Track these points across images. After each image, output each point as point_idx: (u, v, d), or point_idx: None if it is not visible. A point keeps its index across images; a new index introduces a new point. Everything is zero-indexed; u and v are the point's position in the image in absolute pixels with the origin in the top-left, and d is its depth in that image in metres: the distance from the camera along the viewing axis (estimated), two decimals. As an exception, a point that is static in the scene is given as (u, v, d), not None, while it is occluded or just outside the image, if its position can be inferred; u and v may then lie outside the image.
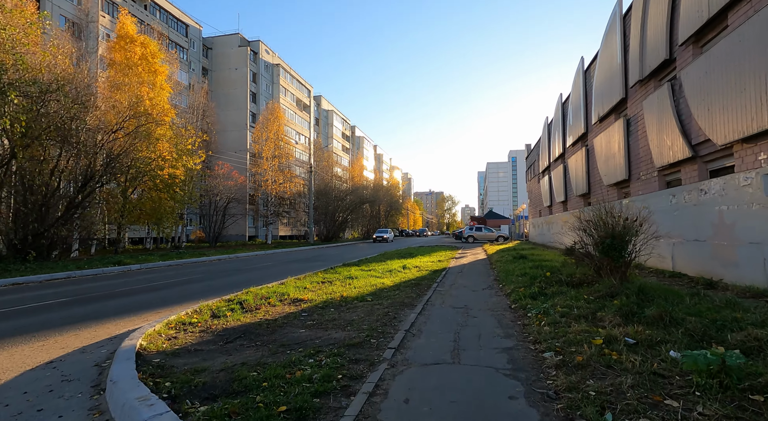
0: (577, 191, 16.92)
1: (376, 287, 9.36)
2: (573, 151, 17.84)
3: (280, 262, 18.63)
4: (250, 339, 5.14)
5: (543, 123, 25.31)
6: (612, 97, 12.34)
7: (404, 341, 4.87)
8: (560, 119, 19.94)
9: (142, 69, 26.49)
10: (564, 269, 9.25)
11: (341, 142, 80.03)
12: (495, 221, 67.37)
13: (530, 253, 15.62)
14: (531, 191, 32.91)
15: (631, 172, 11.32)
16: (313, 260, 19.08)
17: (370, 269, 12.98)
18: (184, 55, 47.82)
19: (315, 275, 11.59)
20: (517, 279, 9.21)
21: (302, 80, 65.69)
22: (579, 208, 17.06)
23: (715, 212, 7.38)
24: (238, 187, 36.64)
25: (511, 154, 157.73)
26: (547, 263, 11.43)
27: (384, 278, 10.92)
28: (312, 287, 9.37)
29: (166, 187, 22.19)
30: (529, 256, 14.14)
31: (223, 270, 14.86)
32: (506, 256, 15.70)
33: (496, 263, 13.87)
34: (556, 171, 21.09)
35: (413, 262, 15.34)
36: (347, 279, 10.59)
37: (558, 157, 21.02)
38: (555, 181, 21.40)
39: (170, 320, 5.94)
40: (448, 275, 11.71)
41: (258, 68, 55.89)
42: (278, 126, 43.19)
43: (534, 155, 30.80)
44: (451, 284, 9.83)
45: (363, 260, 16.53)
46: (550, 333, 4.67)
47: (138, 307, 7.85)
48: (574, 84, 16.99)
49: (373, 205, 59.82)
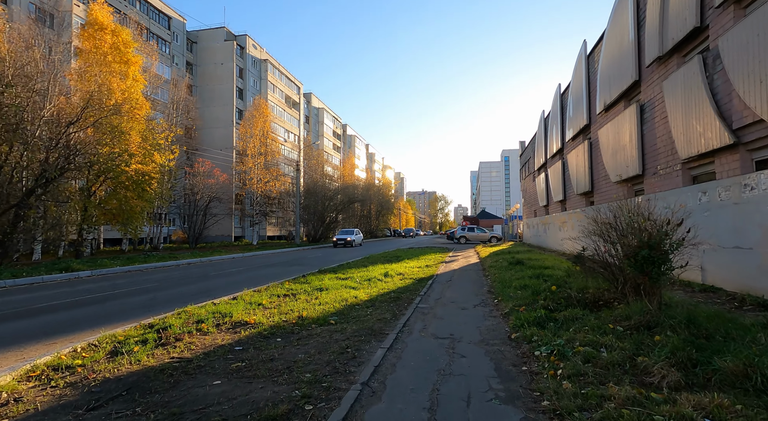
0: (577, 189, 15.40)
1: (346, 302, 7.70)
2: (573, 146, 16.32)
3: (255, 266, 16.90)
4: (131, 401, 3.45)
5: (539, 118, 23.84)
6: (622, 81, 10.76)
7: (355, 408, 3.21)
8: (558, 112, 18.38)
9: (113, 58, 24.59)
10: (572, 280, 7.66)
11: (332, 141, 78.21)
12: (488, 221, 66.02)
13: (527, 257, 14.07)
14: (525, 190, 31.42)
15: (646, 167, 9.73)
16: (291, 265, 17.38)
17: (347, 276, 11.31)
18: (167, 49, 45.77)
19: (281, 285, 9.91)
20: (516, 293, 7.60)
21: (291, 77, 63.81)
22: (580, 207, 15.53)
23: (765, 213, 5.83)
24: (221, 186, 34.77)
25: (503, 154, 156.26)
26: (548, 271, 9.85)
27: (360, 289, 9.27)
28: (269, 302, 7.68)
29: (135, 186, 20.33)
30: (526, 261, 12.58)
31: (184, 277, 13.10)
32: (501, 260, 14.13)
33: (490, 270, 12.27)
34: (554, 168, 19.59)
35: (398, 267, 13.70)
36: (316, 291, 8.93)
37: (556, 153, 19.50)
38: (552, 179, 19.88)
39: (37, 364, 4.22)
40: (435, 285, 10.09)
41: (245, 63, 53.95)
42: (264, 122, 41.32)
43: (528, 153, 29.32)
44: (436, 298, 8.20)
45: (343, 266, 14.86)
46: (575, 397, 3.05)
47: (30, 334, 6.08)
48: (575, 71, 15.40)
49: (364, 205, 58.11)
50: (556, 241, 19.20)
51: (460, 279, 11.12)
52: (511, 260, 13.24)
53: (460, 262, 16.69)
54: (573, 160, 15.84)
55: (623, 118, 10.49)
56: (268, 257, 22.54)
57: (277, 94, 59.08)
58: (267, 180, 40.69)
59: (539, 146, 23.68)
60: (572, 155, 15.84)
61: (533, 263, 11.82)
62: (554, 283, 7.70)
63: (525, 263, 12.14)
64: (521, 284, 8.41)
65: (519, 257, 14.64)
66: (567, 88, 17.47)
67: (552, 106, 19.92)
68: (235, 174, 42.24)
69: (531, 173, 27.97)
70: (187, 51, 50.98)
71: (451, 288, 9.46)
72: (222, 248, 33.31)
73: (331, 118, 78.68)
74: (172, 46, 47.15)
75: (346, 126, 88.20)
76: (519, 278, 9.22)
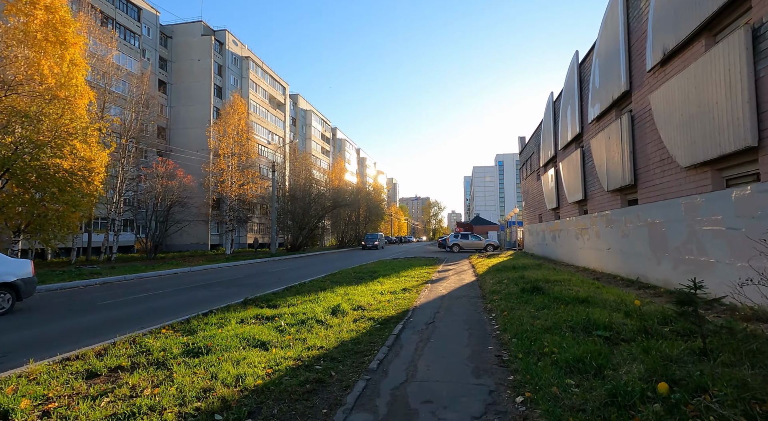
0: (609, 185, 11.27)
1: (207, 406, 3.55)
2: (600, 127, 12.14)
3: (188, 287, 12.70)
4: None
5: (546, 102, 19.78)
6: (704, 8, 7.07)
7: None
8: (576, 88, 14.26)
9: (44, 37, 20.47)
10: (671, 347, 3.61)
11: (320, 144, 74.17)
12: (482, 227, 62.04)
13: (542, 276, 10.02)
14: (527, 192, 27.32)
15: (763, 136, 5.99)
16: (234, 285, 13.20)
17: (276, 314, 7.14)
18: (135, 42, 41.66)
19: (150, 335, 5.74)
20: (562, 380, 3.51)
21: (276, 76, 59.90)
22: (611, 209, 11.50)
23: None
24: (185, 189, 30.49)
25: (497, 158, 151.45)
26: (594, 312, 5.72)
27: (270, 347, 5.13)
28: (61, 390, 3.53)
29: (46, 184, 16.09)
30: (544, 285, 8.51)
31: (45, 308, 8.87)
32: (507, 282, 10.04)
33: (494, 300, 8.15)
34: (568, 161, 15.51)
35: (362, 294, 9.54)
36: (182, 358, 4.76)
37: (571, 141, 15.44)
38: (566, 175, 15.82)
39: None
40: (406, 335, 5.95)
41: (224, 60, 49.99)
42: (239, 120, 37.17)
43: (531, 148, 25.25)
44: (399, 382, 4.06)
45: (291, 289, 10.69)
46: None
47: None
48: (606, 23, 11.00)
49: (352, 210, 53.91)
50: (571, 251, 15.17)
51: (449, 321, 6.98)
52: (521, 283, 9.15)
53: (450, 281, 12.58)
54: (600, 147, 11.79)
55: (713, 63, 6.23)
56: (223, 272, 18.29)
57: (260, 93, 55.09)
58: (242, 183, 36.45)
59: (546, 137, 19.64)
60: (599, 140, 11.80)
61: (558, 291, 7.74)
62: (634, 354, 3.62)
63: (544, 289, 8.06)
64: (559, 344, 4.32)
65: (529, 275, 10.56)
66: (590, 53, 13.29)
67: (566, 82, 15.83)
68: (210, 176, 37.91)
69: (534, 172, 23.90)
70: (161, 46, 46.92)
71: (431, 347, 5.31)
72: (186, 258, 28.99)
73: (320, 121, 74.76)
74: (143, 39, 43.04)
75: (335, 129, 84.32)
76: (549, 329, 5.12)
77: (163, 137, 46.91)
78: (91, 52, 26.89)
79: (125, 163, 27.87)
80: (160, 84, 46.29)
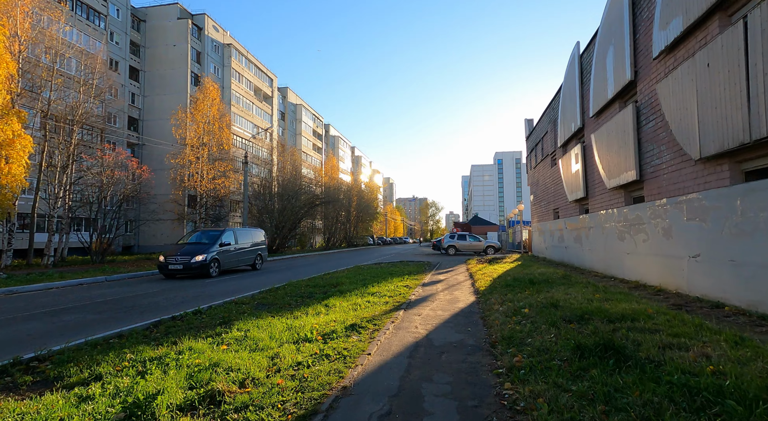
0: (703, 150, 6.43)
1: None
2: (684, 55, 7.69)
3: (43, 312, 8.26)
4: None
5: (568, 61, 15.04)
6: None
7: None
8: (627, 10, 9.51)
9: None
10: None
11: (312, 141, 69.72)
12: (481, 228, 57.58)
13: (593, 305, 5.65)
14: (537, 183, 22.65)
15: None
16: (105, 311, 8.76)
17: (114, 380, 2.76)
18: (101, 23, 37.26)
19: None
20: None
21: (263, 67, 55.50)
22: (695, 191, 7.02)
23: None
24: (140, 182, 26.02)
25: (497, 157, 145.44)
26: None
27: None
28: None
29: None
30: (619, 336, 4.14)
31: None
32: (531, 313, 5.63)
33: (522, 373, 3.71)
34: (607, 129, 10.55)
35: (267, 346, 5.07)
36: None
37: (614, 97, 10.67)
38: (602, 150, 11.08)
39: None
40: None
41: (203, 47, 45.58)
42: (210, 107, 32.73)
43: (542, 129, 20.53)
44: None
45: (158, 326, 6.24)
46: None
47: None
48: None
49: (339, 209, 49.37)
50: (610, 258, 10.72)
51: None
52: (563, 325, 4.73)
53: (436, 305, 8.12)
54: (681, 90, 7.34)
55: None
56: (142, 282, 13.82)
57: (243, 84, 50.66)
58: (213, 176, 31.99)
59: (568, 106, 15.03)
60: (677, 81, 7.37)
61: (660, 356, 3.37)
62: None
63: (626, 350, 3.66)
64: None
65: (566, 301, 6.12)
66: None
67: (606, 13, 11.22)
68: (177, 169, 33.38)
69: (547, 156, 19.29)
70: (133, 30, 42.50)
71: None
72: (137, 263, 24.52)
73: (311, 116, 70.32)
74: (111, 20, 38.64)
75: (328, 126, 79.92)
76: None
77: (135, 129, 42.53)
78: (34, 24, 22.52)
79: (73, 152, 23.44)
80: (132, 71, 41.89)
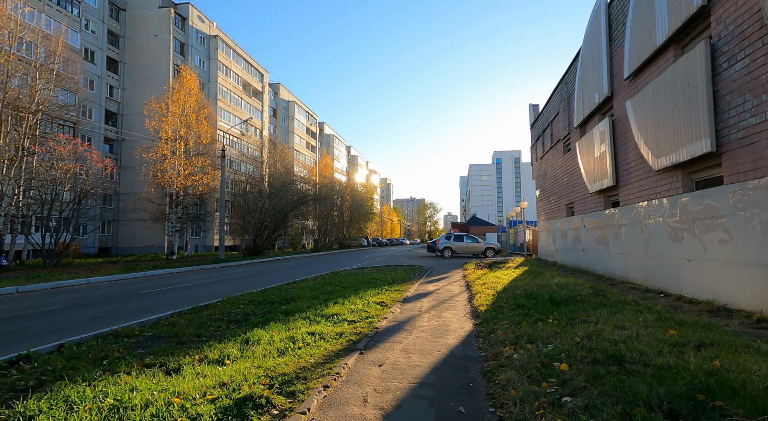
0: None
1: None
2: None
3: None
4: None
5: (589, 19, 12.05)
6: None
7: None
8: None
9: None
10: None
11: (305, 139, 66.97)
12: (479, 228, 54.88)
13: (673, 357, 2.99)
14: (545, 175, 19.74)
15: None
16: None
17: None
18: (75, 10, 34.53)
19: None
20: None
21: (253, 61, 52.79)
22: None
23: None
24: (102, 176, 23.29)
25: (495, 156, 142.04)
26: None
27: None
28: None
29: None
30: None
31: None
32: (567, 363, 2.95)
33: None
34: (654, 89, 7.99)
35: None
36: None
37: (667, 42, 7.76)
38: (644, 120, 8.13)
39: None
40: None
41: (187, 38, 42.86)
42: (187, 97, 29.99)
43: (551, 111, 17.53)
44: None
45: None
46: None
47: None
48: None
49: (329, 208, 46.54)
50: (657, 266, 7.99)
51: None
52: None
53: (413, 342, 5.38)
54: None
55: None
56: (68, 293, 11.07)
57: (231, 78, 47.93)
58: (189, 172, 29.22)
59: (590, 74, 11.85)
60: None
61: None
62: None
63: None
64: None
65: (646, 351, 3.38)
66: None
67: None
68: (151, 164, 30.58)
69: (559, 141, 16.27)
70: (111, 19, 39.77)
71: None
72: (101, 266, 21.77)
73: (304, 114, 67.59)
74: (86, 7, 35.94)
75: (323, 124, 77.21)
76: None
77: (114, 123, 39.81)
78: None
79: (23, 143, 20.66)
80: (110, 62, 39.15)
